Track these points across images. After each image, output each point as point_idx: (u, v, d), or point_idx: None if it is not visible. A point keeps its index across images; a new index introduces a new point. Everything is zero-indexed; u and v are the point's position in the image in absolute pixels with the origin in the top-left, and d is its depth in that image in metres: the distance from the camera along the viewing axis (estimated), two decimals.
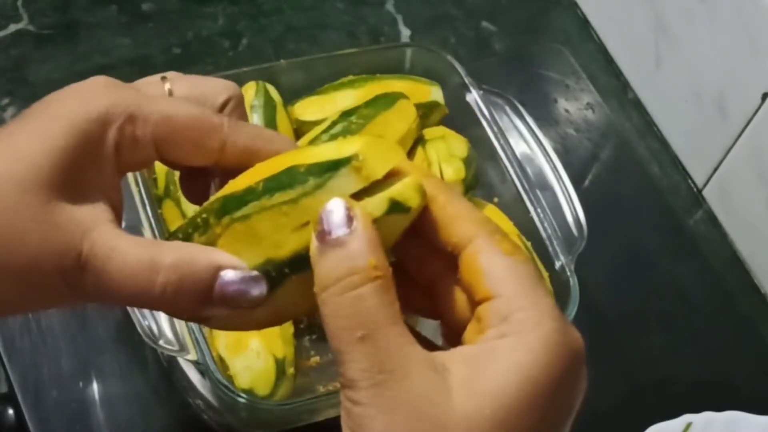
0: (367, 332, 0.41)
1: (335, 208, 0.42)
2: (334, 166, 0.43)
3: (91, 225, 0.45)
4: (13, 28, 1.06)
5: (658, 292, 0.99)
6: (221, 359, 0.77)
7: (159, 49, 1.07)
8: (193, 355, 0.74)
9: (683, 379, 0.94)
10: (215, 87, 0.51)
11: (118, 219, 0.47)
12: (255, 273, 0.44)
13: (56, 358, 0.85)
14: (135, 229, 0.78)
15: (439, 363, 0.41)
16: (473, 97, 0.90)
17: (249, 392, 0.75)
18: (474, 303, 0.43)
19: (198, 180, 0.51)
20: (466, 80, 0.90)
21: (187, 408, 0.83)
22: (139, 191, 0.78)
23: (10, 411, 0.83)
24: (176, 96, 0.50)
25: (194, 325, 0.74)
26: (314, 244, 0.42)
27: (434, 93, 0.91)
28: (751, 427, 0.84)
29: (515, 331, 0.41)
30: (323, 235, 0.42)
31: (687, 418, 0.84)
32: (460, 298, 0.45)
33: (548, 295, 0.43)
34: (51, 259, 0.44)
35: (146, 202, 0.78)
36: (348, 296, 0.41)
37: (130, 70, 1.05)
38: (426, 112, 0.91)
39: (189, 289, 0.44)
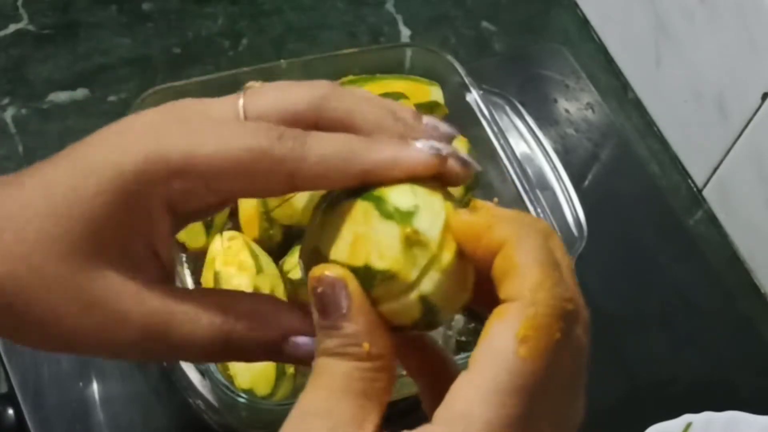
0: (334, 393, 0.41)
1: (331, 289, 0.41)
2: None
3: (145, 296, 0.42)
4: (13, 28, 1.06)
5: (658, 292, 0.99)
6: None
7: (159, 49, 1.07)
8: None
9: (683, 379, 0.94)
10: (298, 96, 0.44)
11: (170, 277, 0.44)
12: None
13: (56, 358, 0.85)
14: None
15: None
16: (473, 97, 0.90)
17: (249, 392, 0.75)
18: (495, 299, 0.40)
19: None
20: (466, 80, 0.90)
21: (187, 408, 0.83)
22: None
23: (10, 411, 0.83)
24: (250, 116, 0.43)
25: None
26: (315, 317, 0.41)
27: (434, 93, 0.91)
28: (751, 427, 0.84)
29: None
30: (322, 312, 0.41)
31: (687, 418, 0.84)
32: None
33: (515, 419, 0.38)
34: (102, 341, 0.41)
35: None
36: (332, 361, 0.41)
37: (130, 70, 1.05)
38: (426, 112, 0.91)
39: (260, 349, 0.43)
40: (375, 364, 0.40)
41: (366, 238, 0.42)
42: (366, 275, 0.42)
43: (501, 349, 0.38)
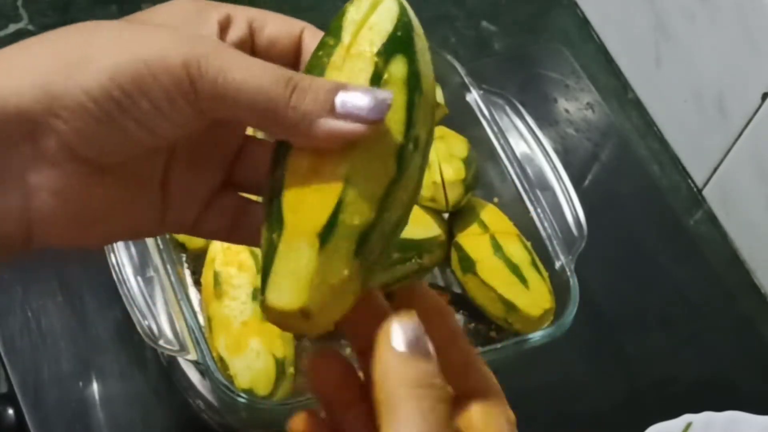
0: None
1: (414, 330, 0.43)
2: None
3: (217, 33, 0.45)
4: (13, 28, 1.06)
5: (658, 292, 0.99)
6: (221, 359, 0.77)
7: None
8: (193, 355, 0.74)
9: (683, 379, 0.94)
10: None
11: None
12: (380, 91, 0.42)
13: (56, 358, 0.85)
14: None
15: None
16: (473, 97, 0.90)
17: (249, 392, 0.75)
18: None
19: None
20: (466, 80, 0.90)
21: (187, 408, 0.83)
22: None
23: (10, 411, 0.83)
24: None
25: (194, 325, 0.74)
26: (396, 347, 0.42)
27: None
28: (751, 427, 0.84)
29: None
30: (413, 344, 0.42)
31: (687, 418, 0.84)
32: None
33: None
34: (182, 47, 0.42)
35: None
36: (443, 406, 0.42)
37: None
38: None
39: (314, 92, 0.42)
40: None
41: None
42: None
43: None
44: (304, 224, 0.43)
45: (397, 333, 0.42)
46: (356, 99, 0.42)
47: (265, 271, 0.43)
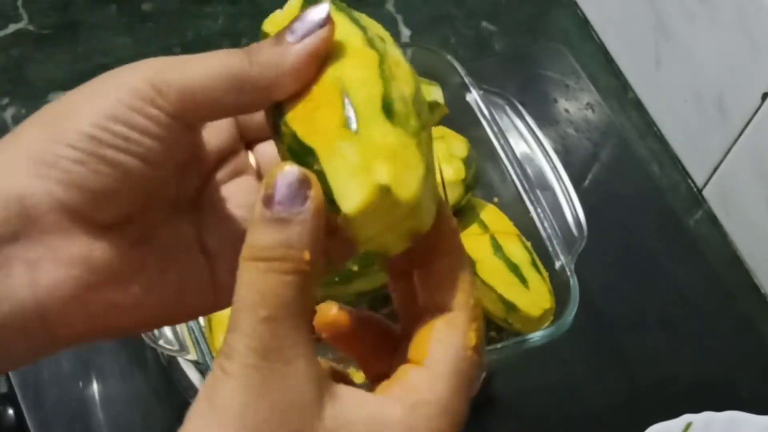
0: (273, 315, 0.39)
1: (293, 179, 0.40)
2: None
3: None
4: (13, 28, 1.06)
5: (658, 292, 0.99)
6: None
7: (159, 49, 1.07)
8: (193, 355, 0.74)
9: (683, 379, 0.94)
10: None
11: None
12: (312, 6, 0.44)
13: (56, 358, 0.85)
14: None
15: (326, 384, 0.40)
16: (473, 97, 0.90)
17: None
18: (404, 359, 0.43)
19: None
20: (466, 80, 0.90)
21: (187, 408, 0.83)
22: None
23: (10, 411, 0.83)
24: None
25: (194, 325, 0.74)
26: (259, 207, 0.40)
27: (434, 93, 0.91)
28: (751, 427, 0.84)
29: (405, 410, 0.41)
30: (270, 202, 0.40)
31: (687, 418, 0.84)
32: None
33: (464, 404, 0.42)
34: (140, 71, 0.45)
35: None
36: (272, 277, 0.39)
37: None
38: None
39: (264, 44, 0.44)
40: (308, 276, 0.40)
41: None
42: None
43: (457, 348, 0.42)
44: (327, 130, 0.43)
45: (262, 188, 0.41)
46: (299, 23, 0.44)
47: (329, 198, 0.42)
